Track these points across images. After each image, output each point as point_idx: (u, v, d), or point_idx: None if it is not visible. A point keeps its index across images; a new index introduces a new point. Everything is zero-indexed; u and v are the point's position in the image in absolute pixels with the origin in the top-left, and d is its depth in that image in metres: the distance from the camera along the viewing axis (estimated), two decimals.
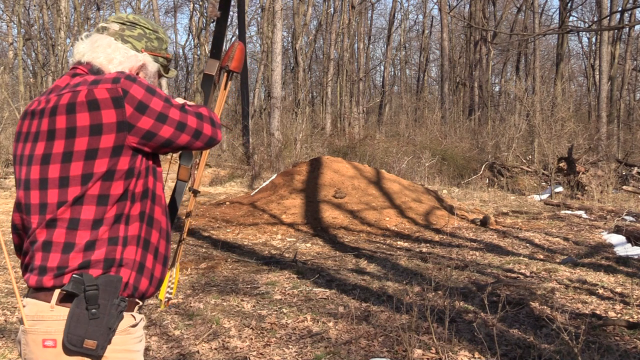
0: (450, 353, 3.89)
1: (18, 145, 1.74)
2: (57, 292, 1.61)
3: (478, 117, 26.62)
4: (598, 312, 4.86)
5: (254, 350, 4.01)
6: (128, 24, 1.85)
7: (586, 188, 13.22)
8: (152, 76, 1.90)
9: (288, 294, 5.38)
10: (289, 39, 32.50)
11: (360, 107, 30.09)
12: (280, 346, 4.10)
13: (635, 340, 4.18)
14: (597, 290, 5.49)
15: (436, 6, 33.87)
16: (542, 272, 6.18)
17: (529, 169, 16.14)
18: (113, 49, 1.80)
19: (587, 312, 4.86)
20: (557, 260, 6.86)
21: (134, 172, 1.67)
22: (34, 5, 29.50)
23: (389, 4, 74.61)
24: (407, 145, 19.20)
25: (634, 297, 5.19)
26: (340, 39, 29.54)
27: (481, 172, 16.32)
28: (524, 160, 17.45)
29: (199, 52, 31.80)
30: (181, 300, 5.14)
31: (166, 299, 2.16)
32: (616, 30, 24.74)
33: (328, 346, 4.09)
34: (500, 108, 29.87)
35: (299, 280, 5.86)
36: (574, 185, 13.63)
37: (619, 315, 4.81)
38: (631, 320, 4.57)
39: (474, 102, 28.51)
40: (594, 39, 31.32)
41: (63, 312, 1.59)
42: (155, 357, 3.93)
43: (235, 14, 23.99)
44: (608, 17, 21.55)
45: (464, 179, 16.36)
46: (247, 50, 29.35)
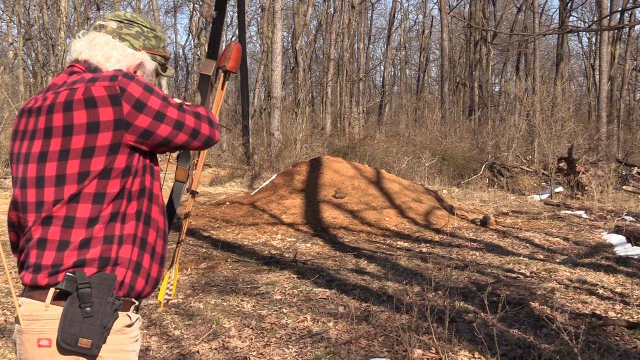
0: (450, 353, 3.88)
1: (15, 144, 1.73)
2: (51, 290, 1.60)
3: (478, 117, 26.62)
4: (598, 312, 4.86)
5: (254, 350, 4.01)
6: (126, 22, 1.84)
7: (586, 188, 13.22)
8: (149, 74, 1.89)
9: (288, 294, 5.38)
10: (289, 39, 32.50)
11: (360, 107, 30.09)
12: (280, 346, 4.09)
13: (635, 340, 4.18)
14: (597, 290, 5.48)
15: (436, 6, 33.89)
16: (542, 272, 6.18)
17: (529, 169, 16.14)
18: (111, 47, 1.79)
19: (587, 312, 4.86)
20: (557, 260, 6.85)
21: (130, 171, 1.66)
22: (34, 5, 29.51)
23: (389, 4, 74.63)
24: (407, 145, 19.20)
25: (634, 297, 5.19)
26: (340, 39, 29.55)
27: (481, 172, 16.32)
28: (524, 160, 17.45)
29: (199, 52, 31.81)
30: (181, 300, 5.14)
31: (165, 300, 2.15)
32: (616, 30, 24.73)
33: (328, 346, 4.08)
34: (500, 108, 29.88)
35: (299, 280, 5.85)
36: (574, 185, 13.63)
37: (619, 315, 4.80)
38: (631, 320, 4.57)
39: (474, 102, 28.51)
40: (594, 39, 31.33)
41: (57, 311, 1.58)
42: (155, 357, 3.93)
43: (235, 14, 24.00)
44: (608, 17, 21.54)
45: (464, 179, 16.36)
46: (247, 50, 29.36)
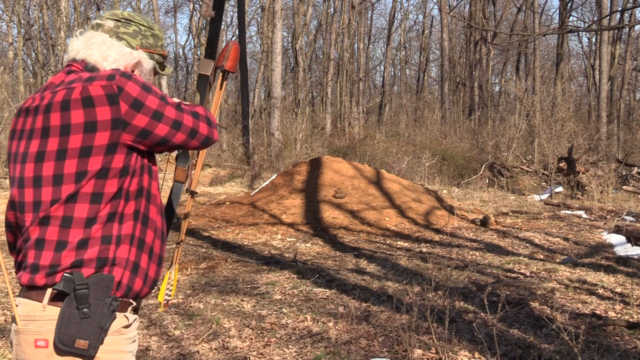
0: (450, 353, 3.88)
1: (12, 143, 1.72)
2: (49, 291, 1.60)
3: (478, 117, 26.62)
4: (598, 312, 4.86)
5: (254, 350, 4.01)
6: (123, 20, 1.83)
7: (586, 188, 13.22)
8: (147, 73, 1.88)
9: (288, 294, 5.37)
10: (289, 39, 32.51)
11: (360, 107, 30.09)
12: (280, 346, 4.09)
13: (635, 340, 4.18)
14: (597, 290, 5.48)
15: (436, 6, 33.89)
16: (542, 272, 6.17)
17: (529, 169, 16.13)
18: (108, 46, 1.79)
19: (587, 312, 4.85)
20: (557, 260, 6.85)
21: (128, 170, 1.66)
22: (34, 5, 29.52)
23: (389, 4, 74.63)
24: (407, 145, 19.19)
25: (634, 297, 5.18)
26: (340, 39, 29.55)
27: (481, 172, 16.32)
28: (524, 160, 17.45)
29: (198, 52, 31.82)
30: (181, 300, 5.13)
31: (165, 301, 2.15)
32: (616, 30, 24.73)
33: (328, 346, 4.08)
34: (500, 108, 29.88)
35: (299, 280, 5.85)
36: (574, 185, 13.63)
37: (619, 315, 4.80)
38: (631, 320, 4.56)
39: (474, 102, 28.51)
40: (594, 39, 31.33)
41: (55, 311, 1.58)
42: (155, 357, 3.93)
43: (235, 14, 23.99)
44: (608, 17, 21.54)
45: (464, 179, 16.36)
46: (247, 50, 29.35)
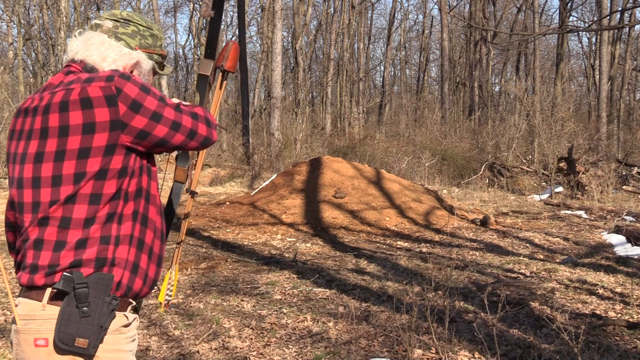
0: (450, 353, 3.88)
1: (11, 143, 1.73)
2: (48, 290, 1.60)
3: (478, 117, 26.62)
4: (598, 312, 4.86)
5: (254, 350, 4.01)
6: (122, 21, 1.83)
7: (586, 188, 13.22)
8: (146, 74, 1.88)
9: (288, 294, 5.37)
10: (289, 39, 32.51)
11: (360, 107, 30.10)
12: (280, 346, 4.09)
13: (635, 340, 4.18)
14: (597, 290, 5.48)
15: (436, 6, 33.89)
16: (542, 272, 6.17)
17: (529, 169, 16.13)
18: (106, 47, 1.79)
19: (587, 312, 4.85)
20: (557, 260, 6.85)
21: (127, 171, 1.66)
22: (34, 5, 29.52)
23: (389, 4, 74.63)
24: (407, 145, 19.19)
25: (634, 297, 5.18)
26: (340, 39, 29.55)
27: (481, 172, 16.32)
28: (524, 160, 17.45)
29: (198, 52, 31.83)
30: (181, 300, 5.13)
31: (166, 301, 2.15)
32: (616, 30, 24.73)
33: (328, 346, 4.08)
34: (500, 108, 29.88)
35: (299, 280, 5.85)
36: (574, 185, 13.62)
37: (619, 315, 4.80)
38: (631, 320, 4.56)
39: (474, 102, 28.51)
40: (594, 39, 31.33)
41: (54, 311, 1.59)
42: (155, 357, 3.93)
43: (235, 14, 24.00)
44: (608, 17, 21.54)
45: (464, 179, 16.36)
46: (247, 50, 29.35)
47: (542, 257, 7.06)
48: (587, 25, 31.09)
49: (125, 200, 1.68)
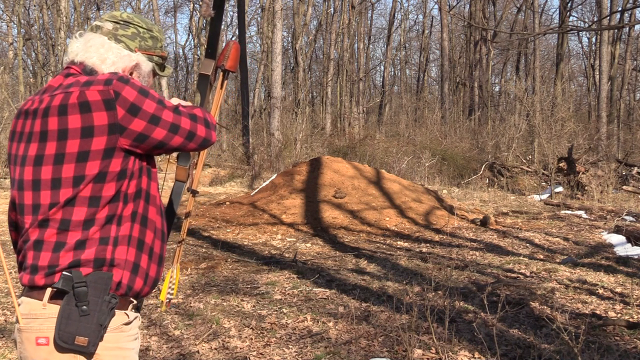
0: (450, 353, 3.88)
1: (12, 145, 1.74)
2: (49, 290, 1.62)
3: (478, 117, 26.62)
4: (598, 312, 4.86)
5: (254, 350, 4.01)
6: (122, 23, 1.83)
7: (586, 188, 13.22)
8: (146, 76, 1.88)
9: (288, 294, 5.38)
10: (289, 39, 32.51)
11: (360, 107, 30.10)
12: (280, 346, 4.09)
13: (635, 340, 4.18)
14: (597, 290, 5.48)
15: (436, 6, 33.90)
16: (542, 272, 6.17)
17: (529, 169, 16.14)
18: (106, 49, 1.79)
19: (587, 312, 4.85)
20: (557, 260, 6.85)
21: (126, 174, 1.67)
22: (34, 5, 29.52)
23: (389, 4, 74.62)
24: (407, 145, 19.20)
25: (634, 297, 5.18)
26: (340, 39, 29.55)
27: (481, 172, 16.32)
28: (524, 160, 17.45)
29: (198, 52, 31.83)
30: (181, 300, 5.14)
31: (167, 300, 2.15)
32: (616, 30, 24.73)
33: (328, 346, 4.08)
34: (500, 108, 29.88)
35: (299, 280, 5.85)
36: (574, 185, 13.63)
37: (619, 315, 4.80)
38: (631, 320, 4.57)
39: (474, 102, 28.51)
40: (594, 39, 31.34)
41: (55, 309, 1.60)
42: (155, 357, 3.93)
43: (235, 14, 24.00)
44: (608, 17, 21.54)
45: (464, 179, 16.36)
46: (247, 50, 29.36)
47: (542, 257, 7.06)
48: (587, 25, 31.09)
49: (125, 202, 1.69)
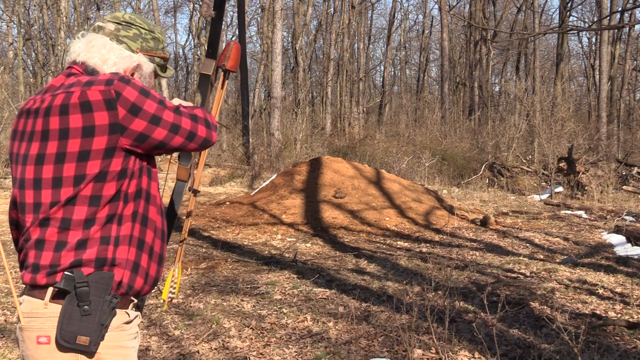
0: (450, 353, 3.88)
1: (14, 144, 1.75)
2: (50, 289, 1.63)
3: (478, 117, 26.62)
4: (598, 312, 4.86)
5: (254, 350, 4.01)
6: (124, 23, 1.84)
7: (586, 188, 13.22)
8: (147, 77, 1.89)
9: (288, 294, 5.38)
10: (289, 39, 32.50)
11: (360, 107, 30.10)
12: (280, 346, 4.09)
13: (635, 340, 4.18)
14: (597, 290, 5.48)
15: (436, 6, 33.90)
16: (542, 272, 6.18)
17: (529, 169, 16.14)
18: (108, 50, 1.80)
19: (587, 312, 4.86)
20: (557, 260, 6.85)
21: (126, 173, 1.68)
22: (34, 5, 29.52)
23: (389, 4, 74.61)
24: (407, 145, 19.20)
25: (634, 297, 5.19)
26: (340, 39, 29.55)
27: (481, 172, 16.32)
28: (524, 160, 17.45)
29: (199, 52, 31.82)
30: (181, 300, 5.14)
31: (169, 299, 2.16)
32: (616, 30, 24.73)
33: (328, 346, 4.08)
34: (500, 108, 29.87)
35: (299, 280, 5.85)
36: (574, 185, 13.63)
37: (619, 315, 4.80)
38: (631, 320, 4.57)
39: (474, 102, 28.51)
40: (594, 39, 31.34)
41: (56, 309, 1.61)
42: (155, 357, 3.93)
43: (235, 14, 23.99)
44: (608, 17, 21.55)
45: (464, 179, 16.36)
46: (247, 50, 29.36)
47: (542, 257, 7.06)
48: (587, 25, 31.10)
49: (125, 202, 1.70)
